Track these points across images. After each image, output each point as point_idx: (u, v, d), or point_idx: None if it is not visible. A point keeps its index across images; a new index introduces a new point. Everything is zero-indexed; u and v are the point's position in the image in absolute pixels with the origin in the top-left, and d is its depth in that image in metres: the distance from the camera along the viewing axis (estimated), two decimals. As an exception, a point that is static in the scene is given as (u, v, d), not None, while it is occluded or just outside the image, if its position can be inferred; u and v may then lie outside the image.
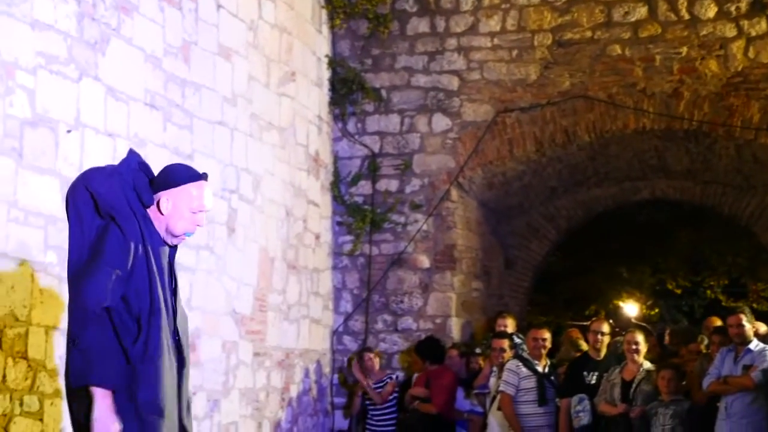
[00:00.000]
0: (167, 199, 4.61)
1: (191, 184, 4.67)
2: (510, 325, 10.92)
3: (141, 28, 7.92)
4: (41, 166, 6.62)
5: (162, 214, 4.61)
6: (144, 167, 4.70)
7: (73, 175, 6.80)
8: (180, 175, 4.70)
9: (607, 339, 9.98)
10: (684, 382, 9.51)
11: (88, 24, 7.20)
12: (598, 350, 9.94)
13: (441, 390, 10.69)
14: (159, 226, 4.63)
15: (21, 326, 6.33)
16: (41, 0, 6.69)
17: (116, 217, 4.44)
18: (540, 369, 9.88)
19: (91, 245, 4.43)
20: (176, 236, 4.67)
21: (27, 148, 6.49)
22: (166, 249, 4.67)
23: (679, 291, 21.13)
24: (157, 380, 4.42)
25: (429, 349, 11.05)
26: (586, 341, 10.42)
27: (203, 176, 4.74)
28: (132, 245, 4.43)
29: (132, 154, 4.75)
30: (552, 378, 9.98)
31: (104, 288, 4.32)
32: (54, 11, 6.83)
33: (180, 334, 4.67)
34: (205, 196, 4.69)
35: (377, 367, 11.12)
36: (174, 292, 4.70)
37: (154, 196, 4.61)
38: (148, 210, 4.60)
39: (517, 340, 10.29)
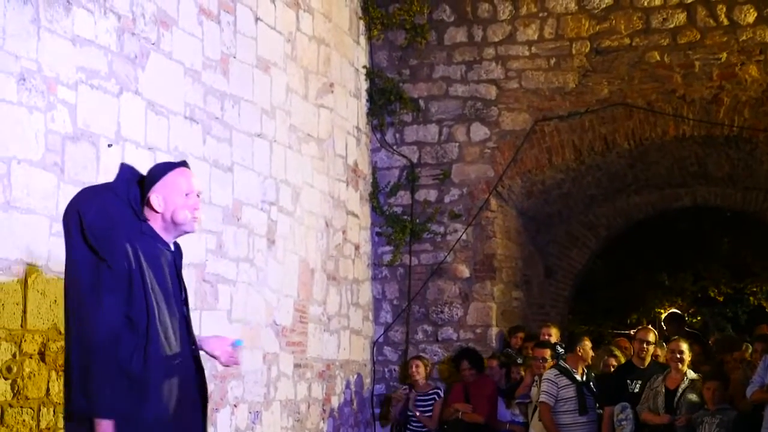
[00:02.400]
0: (156, 195, 4.58)
1: (172, 172, 4.64)
2: (554, 334, 10.90)
3: (180, 42, 7.96)
4: (83, 180, 6.66)
5: (157, 212, 4.58)
6: (139, 178, 4.68)
7: (114, 189, 6.86)
8: (158, 168, 4.70)
9: (652, 348, 9.93)
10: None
11: (128, 39, 7.25)
12: (643, 359, 9.90)
13: (484, 400, 10.67)
14: (160, 227, 4.60)
15: (64, 340, 6.36)
16: (82, 16, 6.74)
17: (99, 246, 4.39)
18: (579, 377, 9.84)
19: (84, 272, 4.41)
20: (182, 224, 4.62)
21: (68, 162, 6.54)
22: (168, 257, 4.61)
23: (721, 298, 20.96)
24: (160, 395, 4.40)
25: (468, 359, 11.03)
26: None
27: (183, 163, 4.74)
28: (122, 266, 4.38)
29: (124, 167, 4.74)
30: (591, 385, 9.94)
31: (109, 317, 4.31)
32: (94, 27, 6.88)
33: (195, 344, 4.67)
34: (191, 180, 4.67)
35: (422, 377, 11.04)
36: (185, 302, 4.67)
37: (146, 200, 4.58)
38: (147, 218, 4.58)
39: (560, 350, 10.25)
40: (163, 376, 4.41)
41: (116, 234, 4.44)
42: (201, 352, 4.76)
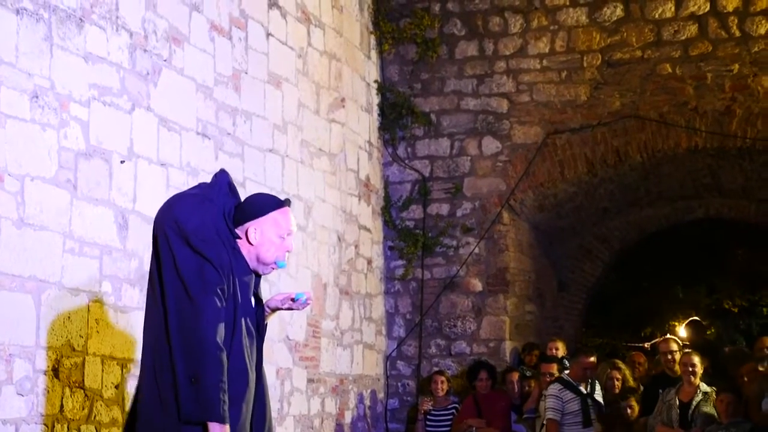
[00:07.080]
0: (255, 228, 4.65)
1: (276, 212, 4.72)
2: (560, 348, 10.89)
3: (192, 58, 7.99)
4: (95, 196, 6.69)
5: (251, 244, 4.65)
6: (233, 190, 4.75)
7: (127, 205, 6.89)
8: (264, 204, 4.75)
9: (678, 356, 9.96)
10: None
11: (140, 55, 7.28)
12: (673, 369, 9.94)
13: (498, 413, 10.64)
14: (249, 256, 4.67)
15: (77, 356, 6.38)
16: (94, 33, 6.77)
17: (204, 250, 4.45)
18: (583, 389, 9.80)
19: (189, 275, 4.43)
20: (267, 264, 4.72)
21: (81, 179, 6.55)
22: (252, 279, 4.70)
23: (735, 310, 20.88)
24: (237, 407, 4.46)
25: (487, 370, 11.02)
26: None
27: (286, 202, 4.81)
28: (224, 268, 4.47)
29: (222, 174, 4.78)
30: (595, 396, 9.91)
31: (217, 321, 4.37)
32: (107, 44, 6.91)
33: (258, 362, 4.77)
34: (291, 221, 4.76)
35: (443, 392, 11.05)
36: (258, 324, 4.74)
37: (242, 227, 4.66)
38: (239, 237, 4.64)
39: (567, 364, 10.25)
40: (241, 389, 4.51)
41: (218, 241, 4.53)
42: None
